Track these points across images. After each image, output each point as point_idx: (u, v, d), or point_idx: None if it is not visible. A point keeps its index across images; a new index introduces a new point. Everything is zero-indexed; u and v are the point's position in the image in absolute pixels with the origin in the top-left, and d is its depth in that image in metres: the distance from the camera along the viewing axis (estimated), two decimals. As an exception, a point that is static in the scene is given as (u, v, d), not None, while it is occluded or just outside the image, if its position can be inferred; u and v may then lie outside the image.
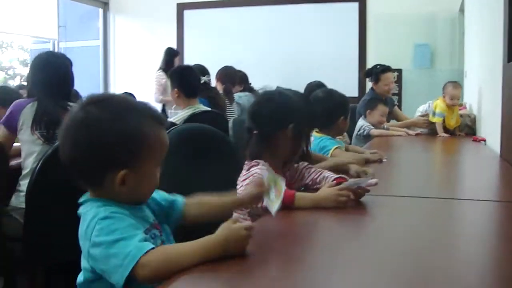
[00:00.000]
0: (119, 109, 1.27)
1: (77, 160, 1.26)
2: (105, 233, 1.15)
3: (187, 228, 1.42)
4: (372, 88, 5.46)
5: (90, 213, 1.23)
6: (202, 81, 4.62)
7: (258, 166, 1.88)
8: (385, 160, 2.86)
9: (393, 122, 5.49)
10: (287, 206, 1.66)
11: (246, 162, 1.98)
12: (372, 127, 4.63)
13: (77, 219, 2.26)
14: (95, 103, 1.28)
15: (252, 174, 1.83)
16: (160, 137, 1.30)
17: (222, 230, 1.15)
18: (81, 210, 1.28)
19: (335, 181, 1.87)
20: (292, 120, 1.96)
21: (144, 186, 1.30)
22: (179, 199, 1.47)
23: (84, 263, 1.24)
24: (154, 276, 1.08)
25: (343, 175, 1.98)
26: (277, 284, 1.03)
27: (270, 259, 1.17)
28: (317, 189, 1.82)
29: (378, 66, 5.49)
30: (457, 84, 4.90)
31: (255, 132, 2.00)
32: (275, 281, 1.04)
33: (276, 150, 1.97)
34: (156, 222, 1.37)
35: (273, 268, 1.09)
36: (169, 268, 1.07)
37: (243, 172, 1.92)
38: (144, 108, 1.31)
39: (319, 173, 2.08)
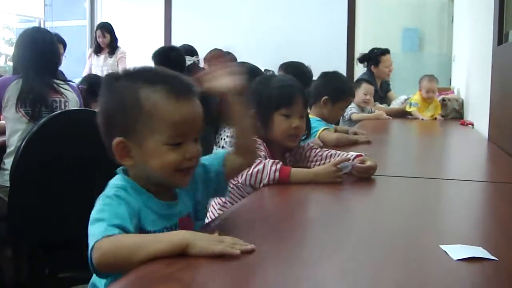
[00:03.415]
0: (133, 79, 1.22)
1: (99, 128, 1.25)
2: (97, 210, 1.11)
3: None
4: (369, 70, 5.46)
5: (108, 186, 1.20)
6: (191, 62, 4.57)
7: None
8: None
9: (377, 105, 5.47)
10: (283, 182, 1.68)
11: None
12: (355, 110, 4.65)
13: (62, 197, 2.24)
14: (122, 75, 1.26)
15: None
16: (166, 109, 1.17)
17: (185, 232, 1.06)
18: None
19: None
20: (287, 102, 1.94)
21: (151, 164, 1.19)
22: (219, 168, 1.37)
23: None
24: (102, 261, 1.01)
25: (360, 153, 1.98)
26: (267, 259, 1.02)
27: (260, 236, 1.16)
28: None
29: (376, 50, 5.52)
30: (433, 78, 4.94)
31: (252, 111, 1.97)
32: (266, 256, 1.03)
33: (271, 131, 1.95)
34: (189, 221, 1.28)
35: (262, 244, 1.07)
36: (118, 255, 1.01)
37: None
38: (156, 77, 1.23)
39: (324, 152, 2.08)
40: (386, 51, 5.50)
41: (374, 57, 5.46)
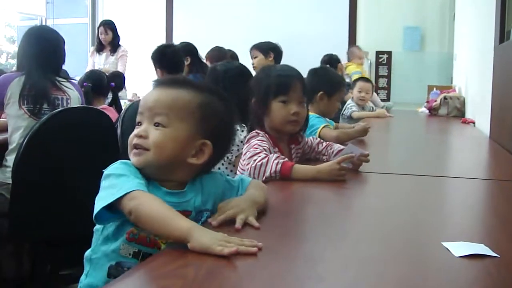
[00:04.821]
0: None
1: None
2: (116, 170, 1.20)
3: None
4: None
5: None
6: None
7: (258, 137, 1.89)
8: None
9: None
10: (285, 177, 1.69)
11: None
12: (356, 109, 4.69)
13: (64, 195, 2.25)
14: None
15: (253, 146, 1.83)
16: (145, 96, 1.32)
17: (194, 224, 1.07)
18: None
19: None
20: (284, 89, 1.96)
21: None
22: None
23: None
24: (137, 212, 1.08)
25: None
26: (270, 255, 1.02)
27: (264, 231, 1.15)
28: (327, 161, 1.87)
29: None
30: (359, 46, 6.51)
31: (253, 100, 2.01)
32: (268, 252, 1.03)
33: (271, 119, 1.97)
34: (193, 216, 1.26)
35: (264, 240, 1.07)
36: (148, 218, 1.07)
37: (244, 146, 1.92)
38: None
39: (329, 146, 2.15)
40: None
41: (335, 60, 5.79)
